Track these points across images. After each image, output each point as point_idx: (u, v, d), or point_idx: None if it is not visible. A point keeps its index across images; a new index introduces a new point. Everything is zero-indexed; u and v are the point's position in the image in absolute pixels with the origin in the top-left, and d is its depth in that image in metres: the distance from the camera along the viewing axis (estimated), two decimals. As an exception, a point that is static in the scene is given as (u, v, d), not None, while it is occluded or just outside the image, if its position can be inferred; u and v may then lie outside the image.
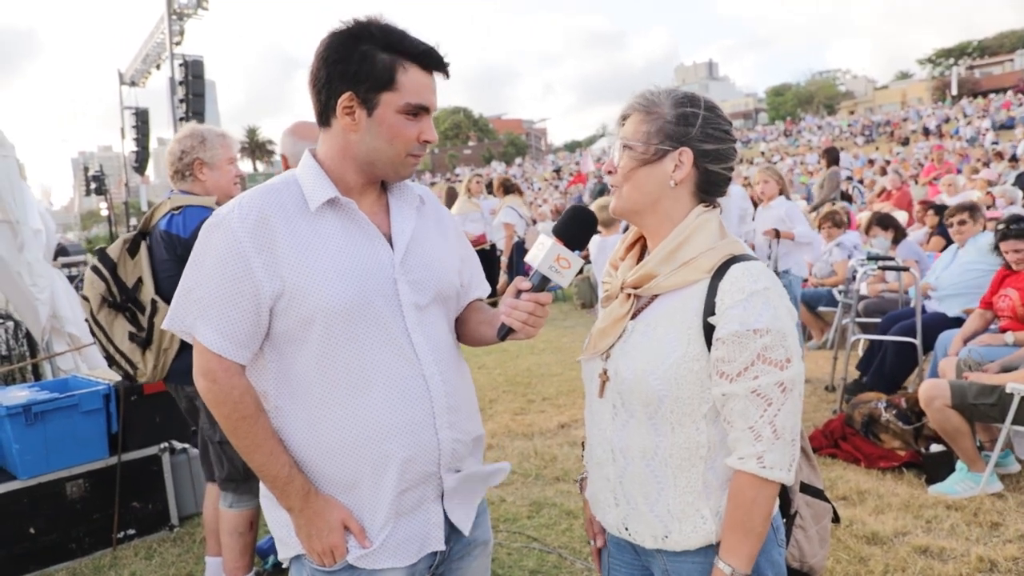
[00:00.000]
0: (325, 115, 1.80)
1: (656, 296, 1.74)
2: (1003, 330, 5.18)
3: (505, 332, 1.83)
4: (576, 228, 1.82)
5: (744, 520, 1.64)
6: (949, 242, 7.53)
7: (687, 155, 1.71)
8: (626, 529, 1.78)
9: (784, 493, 1.85)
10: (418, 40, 1.77)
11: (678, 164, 1.71)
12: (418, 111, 1.77)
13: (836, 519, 2.07)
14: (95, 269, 3.42)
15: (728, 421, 1.65)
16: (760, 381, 1.59)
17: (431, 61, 1.78)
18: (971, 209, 6.24)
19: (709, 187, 1.75)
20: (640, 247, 1.88)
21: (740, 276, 1.63)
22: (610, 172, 1.79)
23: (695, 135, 1.71)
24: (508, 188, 11.89)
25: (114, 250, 3.45)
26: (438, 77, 1.82)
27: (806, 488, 1.96)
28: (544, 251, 1.75)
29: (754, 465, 1.61)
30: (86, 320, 3.48)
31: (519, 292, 1.80)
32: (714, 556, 1.70)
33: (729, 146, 1.75)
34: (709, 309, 1.64)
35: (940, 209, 9.17)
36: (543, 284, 1.79)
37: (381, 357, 1.77)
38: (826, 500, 2.01)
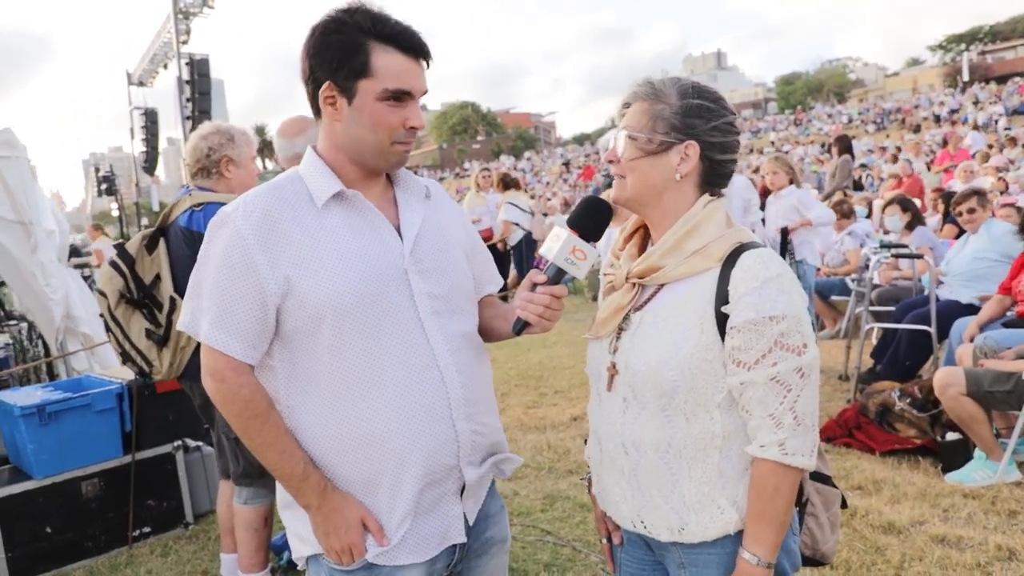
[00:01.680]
0: (315, 108, 1.80)
1: (663, 286, 1.72)
2: (1020, 316, 5.14)
3: (521, 326, 1.80)
4: (591, 219, 1.80)
5: (768, 509, 1.63)
6: (962, 230, 7.47)
7: (693, 148, 1.69)
8: (641, 523, 1.76)
9: None
10: (394, 22, 1.73)
11: (684, 157, 1.69)
12: (399, 96, 1.73)
13: (844, 504, 2.05)
14: (114, 264, 3.42)
15: (746, 410, 1.63)
16: (779, 368, 1.58)
17: (409, 43, 1.74)
18: (979, 195, 6.17)
19: (714, 179, 1.74)
20: (641, 236, 1.86)
21: (752, 264, 1.62)
22: (612, 161, 1.76)
23: (701, 127, 1.69)
24: (507, 183, 11.75)
25: (132, 246, 3.45)
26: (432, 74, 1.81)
27: (815, 475, 1.93)
28: (560, 243, 1.74)
29: (776, 452, 1.60)
30: (102, 316, 3.47)
31: (534, 285, 1.78)
32: (731, 546, 1.68)
33: (733, 138, 1.74)
34: (721, 298, 1.62)
35: (948, 197, 9.08)
36: (558, 276, 1.77)
37: (394, 349, 1.74)
38: (834, 486, 2.00)
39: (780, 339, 1.58)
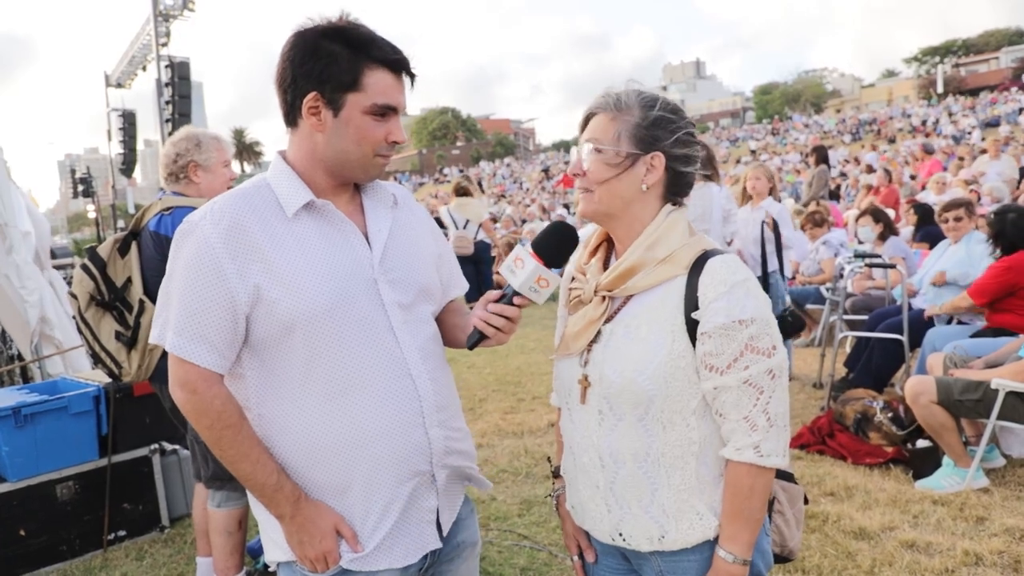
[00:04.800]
0: (292, 116, 1.79)
1: (631, 296, 1.74)
2: (989, 326, 5.24)
3: (476, 339, 1.83)
4: (556, 246, 1.82)
5: (744, 508, 1.66)
6: (932, 246, 7.58)
7: (659, 160, 1.71)
8: (620, 535, 1.77)
9: None
10: (384, 41, 1.76)
11: (650, 168, 1.71)
12: (385, 112, 1.75)
13: (806, 501, 2.09)
14: (84, 268, 3.46)
15: (721, 414, 1.66)
16: (751, 371, 1.62)
17: (397, 63, 1.76)
18: (966, 206, 6.22)
19: (677, 189, 1.77)
20: (605, 250, 1.87)
21: (719, 269, 1.65)
22: (577, 175, 1.77)
23: (666, 139, 1.71)
24: (458, 191, 11.30)
25: (104, 249, 3.47)
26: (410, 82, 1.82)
27: (779, 473, 1.97)
28: (526, 272, 1.76)
29: (752, 455, 1.63)
30: (74, 318, 3.50)
31: (489, 303, 1.82)
32: (710, 551, 1.70)
33: (695, 149, 1.77)
34: (691, 304, 1.65)
35: (919, 208, 9.19)
36: (513, 298, 1.80)
37: (367, 358, 1.75)
38: (795, 483, 2.03)
39: (750, 342, 1.61)
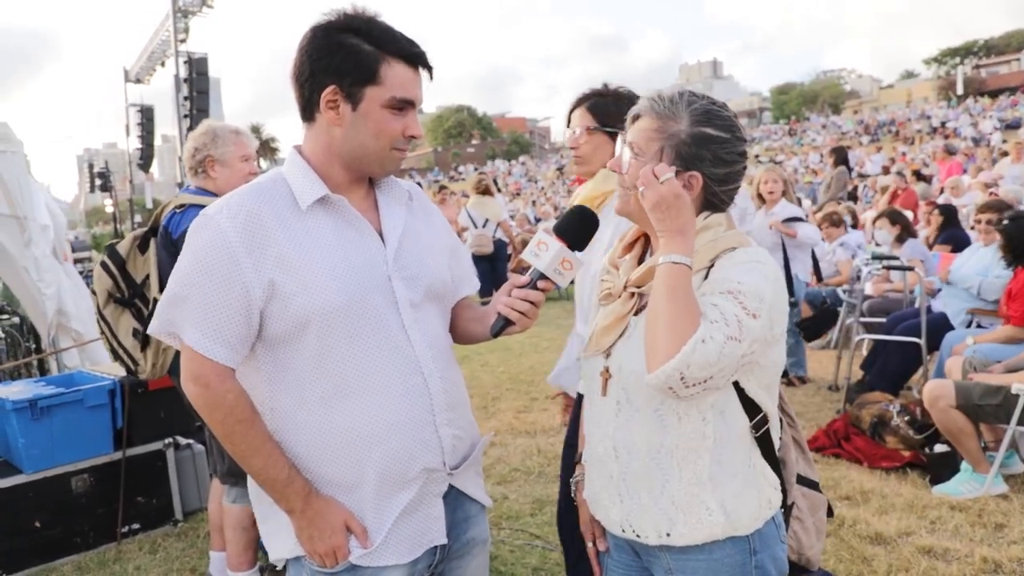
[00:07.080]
0: (308, 110, 1.78)
1: None
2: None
3: (501, 326, 1.83)
4: (579, 229, 1.83)
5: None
6: (955, 249, 7.51)
7: (696, 180, 1.68)
8: (630, 527, 1.76)
9: (780, 484, 1.84)
10: (402, 35, 1.76)
11: (686, 185, 1.68)
12: (403, 105, 1.75)
13: (830, 513, 2.06)
14: (103, 265, 3.47)
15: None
16: (721, 300, 1.55)
17: (415, 56, 1.76)
18: (1004, 210, 6.09)
19: (716, 202, 1.74)
20: (641, 246, 1.87)
21: (736, 253, 1.65)
22: (616, 171, 1.76)
23: (708, 158, 1.67)
24: (478, 189, 11.25)
25: (124, 246, 3.49)
26: (425, 77, 1.81)
27: (802, 480, 1.95)
28: (551, 254, 1.77)
29: (721, 333, 1.52)
30: (95, 313, 3.52)
31: (512, 288, 1.82)
32: (719, 552, 1.68)
33: (740, 168, 1.73)
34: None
35: (944, 209, 9.10)
36: (537, 282, 1.81)
37: (379, 355, 1.75)
38: (820, 492, 2.00)
39: (737, 295, 1.55)
